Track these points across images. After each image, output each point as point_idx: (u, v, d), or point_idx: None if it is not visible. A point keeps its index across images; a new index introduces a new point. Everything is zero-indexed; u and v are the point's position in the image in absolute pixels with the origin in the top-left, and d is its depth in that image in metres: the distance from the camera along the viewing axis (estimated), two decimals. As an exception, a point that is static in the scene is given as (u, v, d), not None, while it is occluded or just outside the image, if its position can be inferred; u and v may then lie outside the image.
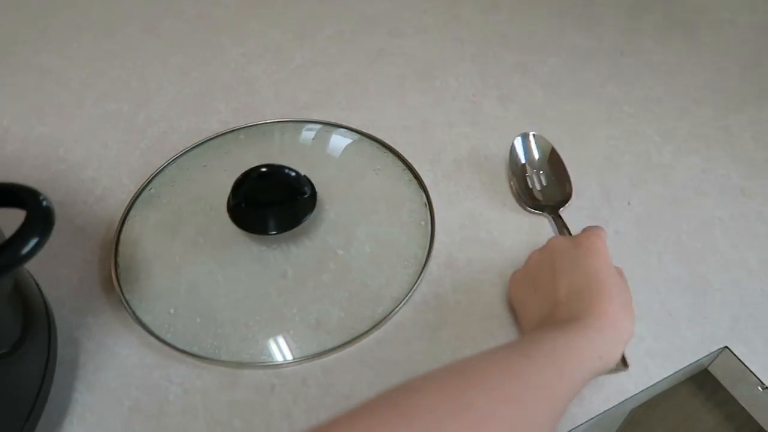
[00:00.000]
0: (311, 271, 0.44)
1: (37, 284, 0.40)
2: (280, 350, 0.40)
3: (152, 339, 0.40)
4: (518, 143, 0.51)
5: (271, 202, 0.45)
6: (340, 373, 0.39)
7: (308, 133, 0.54)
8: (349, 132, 0.54)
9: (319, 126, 0.55)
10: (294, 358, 0.40)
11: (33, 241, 0.31)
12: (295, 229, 0.45)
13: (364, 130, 0.54)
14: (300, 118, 0.55)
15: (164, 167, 0.51)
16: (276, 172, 0.45)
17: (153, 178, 0.50)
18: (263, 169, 0.45)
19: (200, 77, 0.61)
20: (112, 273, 0.44)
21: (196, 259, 0.45)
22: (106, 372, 0.39)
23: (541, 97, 0.58)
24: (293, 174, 0.46)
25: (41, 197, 0.33)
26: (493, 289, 0.42)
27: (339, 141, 0.54)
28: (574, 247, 0.38)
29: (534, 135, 0.51)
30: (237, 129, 0.54)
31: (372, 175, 0.51)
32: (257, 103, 0.58)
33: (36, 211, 0.32)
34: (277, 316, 0.42)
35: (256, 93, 0.59)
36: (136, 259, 0.45)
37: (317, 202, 0.46)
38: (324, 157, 0.53)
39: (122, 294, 0.43)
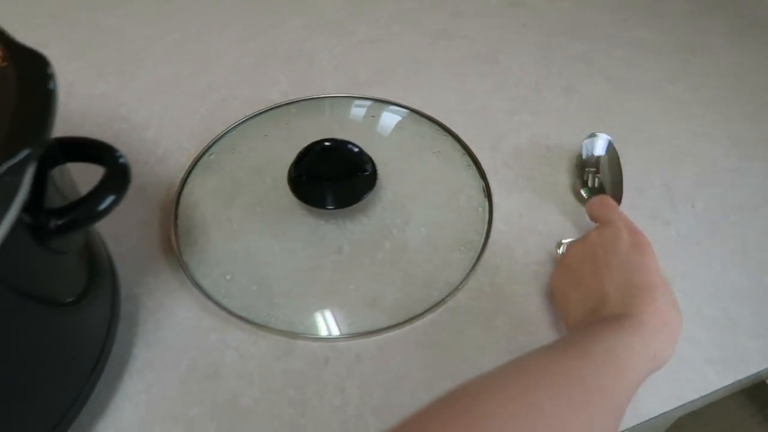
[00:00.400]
0: (367, 248, 0.44)
1: (102, 239, 0.41)
2: (335, 324, 0.40)
3: (209, 302, 0.41)
4: (590, 141, 0.50)
5: (331, 176, 0.45)
6: (394, 352, 0.39)
7: (368, 111, 0.54)
8: (409, 112, 0.53)
9: (379, 104, 0.54)
10: (348, 333, 0.40)
11: (111, 198, 0.32)
12: (353, 206, 0.45)
13: (424, 111, 0.53)
14: (360, 95, 0.55)
15: (224, 134, 0.51)
16: (339, 146, 0.45)
17: (213, 143, 0.51)
18: (327, 143, 0.45)
19: (260, 46, 0.60)
20: (172, 235, 0.44)
21: (254, 228, 0.46)
22: (165, 331, 0.40)
23: (605, 91, 0.57)
24: (356, 150, 0.45)
25: (118, 154, 0.34)
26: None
27: (399, 120, 0.53)
28: (617, 241, 0.37)
29: (601, 135, 0.50)
30: (297, 101, 0.54)
31: (431, 157, 0.51)
32: (317, 76, 0.57)
33: (114, 168, 0.33)
34: (332, 290, 0.42)
35: (316, 66, 0.59)
36: (195, 222, 0.46)
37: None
38: (383, 136, 0.53)
39: (181, 256, 0.43)
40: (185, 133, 0.52)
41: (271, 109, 0.53)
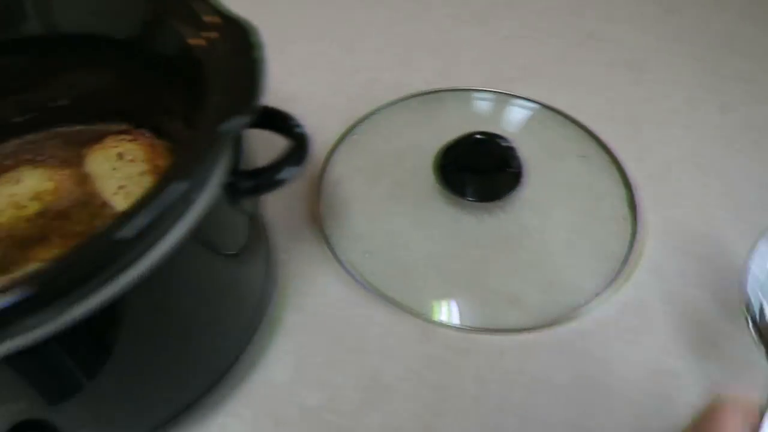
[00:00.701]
0: (506, 246, 0.44)
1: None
2: (477, 316, 0.40)
3: (350, 277, 0.42)
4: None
5: (478, 168, 0.45)
6: (538, 354, 0.38)
7: (511, 107, 0.53)
8: (553, 113, 0.52)
9: (522, 101, 0.53)
10: (490, 328, 0.40)
11: (293, 170, 0.33)
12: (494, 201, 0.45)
13: (569, 113, 0.52)
14: (503, 90, 0.54)
15: (369, 115, 0.52)
16: (491, 141, 0.45)
17: (357, 124, 0.52)
18: (479, 136, 0.45)
19: (406, 32, 0.61)
20: (316, 208, 0.46)
21: (394, 210, 0.46)
22: (310, 298, 0.41)
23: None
24: (507, 146, 0.45)
25: (299, 124, 0.35)
26: (708, 307, 0.40)
27: (542, 120, 0.52)
28: None
29: None
30: (441, 90, 0.54)
31: (575, 161, 0.50)
32: (461, 68, 0.57)
33: (300, 141, 0.34)
34: (472, 282, 0.42)
35: (461, 57, 0.58)
36: (338, 198, 0.47)
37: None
38: (526, 134, 0.52)
39: (323, 229, 0.45)
40: (331, 111, 0.53)
41: (415, 96, 0.54)
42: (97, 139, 0.41)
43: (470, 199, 0.45)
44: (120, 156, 0.39)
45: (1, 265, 0.35)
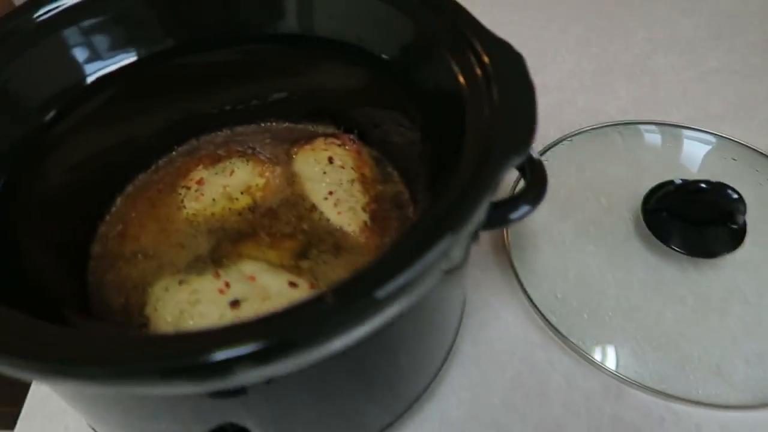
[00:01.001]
0: (714, 308, 0.40)
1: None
2: (671, 381, 0.37)
3: (536, 315, 0.40)
4: None
5: (693, 218, 0.41)
6: (744, 437, 0.35)
7: (722, 152, 0.48)
8: (770, 162, 0.47)
9: (735, 146, 0.48)
10: (688, 398, 0.36)
11: (528, 209, 0.30)
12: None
13: (788, 166, 0.46)
14: (711, 130, 0.49)
15: (561, 140, 0.49)
16: (717, 191, 0.41)
17: (548, 149, 0.49)
18: (703, 185, 0.41)
19: (600, 54, 0.57)
20: (503, 237, 0.44)
21: (586, 249, 0.44)
22: (490, 331, 0.40)
23: None
24: (735, 199, 0.40)
25: (533, 149, 0.33)
26: None
27: (758, 168, 0.47)
28: None
29: None
30: (641, 123, 0.50)
31: (798, 222, 0.44)
32: (661, 99, 0.53)
33: (538, 175, 0.32)
34: (670, 343, 0.39)
35: (660, 87, 0.54)
36: (526, 228, 0.45)
37: (734, 235, 0.41)
38: (739, 184, 0.47)
39: (511, 261, 0.43)
40: (518, 131, 0.51)
41: (611, 125, 0.50)
42: (305, 138, 0.41)
43: (678, 250, 0.41)
44: (330, 160, 0.39)
45: (214, 256, 0.36)
